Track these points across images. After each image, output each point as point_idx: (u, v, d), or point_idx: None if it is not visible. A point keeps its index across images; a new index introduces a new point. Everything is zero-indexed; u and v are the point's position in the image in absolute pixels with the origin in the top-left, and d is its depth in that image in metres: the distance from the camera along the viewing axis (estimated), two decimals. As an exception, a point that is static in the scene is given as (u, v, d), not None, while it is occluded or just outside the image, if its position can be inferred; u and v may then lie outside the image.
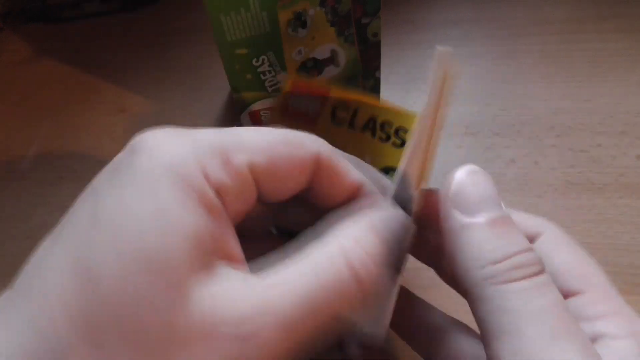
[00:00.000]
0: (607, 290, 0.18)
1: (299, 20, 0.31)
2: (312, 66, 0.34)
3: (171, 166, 0.15)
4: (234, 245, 0.16)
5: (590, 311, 0.17)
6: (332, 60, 0.34)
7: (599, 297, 0.18)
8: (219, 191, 0.15)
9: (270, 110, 0.31)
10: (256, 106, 0.36)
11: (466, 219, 0.17)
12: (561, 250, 0.19)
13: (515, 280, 0.15)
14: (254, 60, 0.33)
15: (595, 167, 0.34)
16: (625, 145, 0.35)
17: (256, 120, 0.37)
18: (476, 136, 0.37)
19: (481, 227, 0.16)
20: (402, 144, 0.28)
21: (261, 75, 0.34)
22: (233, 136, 0.16)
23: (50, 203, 0.38)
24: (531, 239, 0.19)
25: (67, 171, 0.39)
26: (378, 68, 0.36)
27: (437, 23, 0.45)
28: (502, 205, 0.17)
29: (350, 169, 0.19)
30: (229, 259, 0.15)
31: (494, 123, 0.37)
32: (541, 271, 0.16)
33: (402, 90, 0.40)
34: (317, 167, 0.18)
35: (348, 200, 0.19)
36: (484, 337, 0.16)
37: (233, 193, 0.16)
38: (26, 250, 0.15)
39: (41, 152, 0.41)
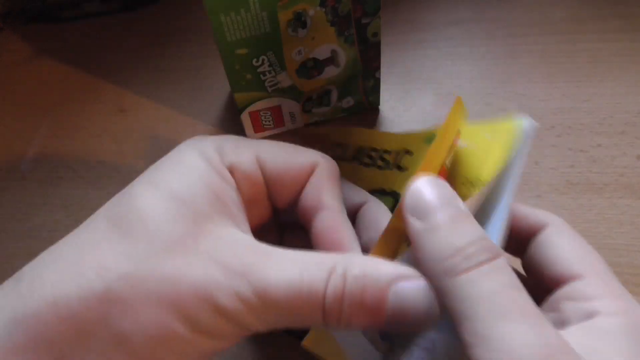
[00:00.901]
0: (605, 274, 0.20)
1: (299, 20, 0.31)
2: (312, 66, 0.34)
3: (199, 149, 0.21)
4: (240, 214, 0.20)
5: (588, 292, 0.19)
6: (332, 60, 0.34)
7: (597, 280, 0.19)
8: (230, 168, 0.21)
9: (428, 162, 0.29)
10: (256, 106, 0.36)
11: (419, 224, 0.18)
12: (564, 240, 0.21)
13: (467, 269, 0.16)
14: (254, 60, 0.33)
15: (595, 167, 0.34)
16: (625, 145, 0.35)
17: (256, 120, 0.37)
18: (476, 136, 0.37)
19: (434, 229, 0.18)
20: (385, 166, 0.30)
21: (261, 75, 0.34)
22: (246, 139, 0.23)
23: (50, 203, 0.38)
24: (537, 230, 0.21)
25: (67, 171, 0.39)
26: (378, 68, 0.36)
27: (437, 23, 0.45)
28: (457, 203, 0.18)
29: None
30: (234, 220, 0.20)
31: (494, 123, 0.37)
32: (493, 257, 0.17)
33: (402, 91, 0.40)
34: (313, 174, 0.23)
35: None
36: (455, 328, 0.17)
37: (241, 170, 0.21)
38: (26, 250, 0.15)
39: (41, 152, 0.41)
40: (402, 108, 0.39)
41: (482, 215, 0.22)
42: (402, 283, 0.18)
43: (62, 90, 0.45)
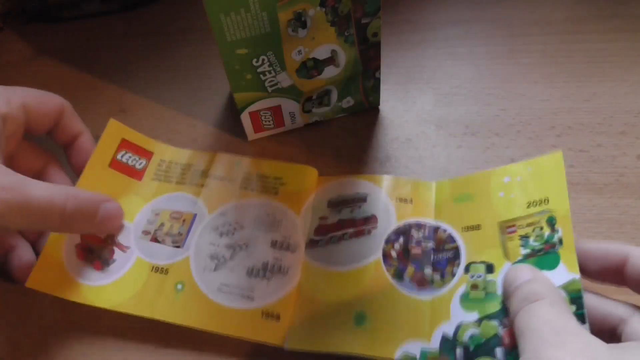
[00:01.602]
0: None
1: (299, 20, 0.31)
2: (312, 66, 0.34)
3: None
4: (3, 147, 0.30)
5: None
6: (332, 60, 0.34)
7: None
8: (4, 116, 0.30)
9: (93, 159, 0.34)
10: (256, 106, 0.36)
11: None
12: None
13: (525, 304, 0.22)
14: (254, 60, 0.33)
15: (595, 167, 0.34)
16: (625, 145, 0.35)
17: (256, 120, 0.37)
18: (476, 136, 0.37)
19: (516, 291, 0.23)
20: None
21: (261, 75, 0.34)
22: (15, 90, 0.32)
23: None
24: (622, 263, 0.23)
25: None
26: (378, 68, 0.36)
27: (437, 23, 0.45)
28: (530, 270, 0.24)
29: (80, 120, 0.35)
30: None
31: (494, 123, 0.37)
32: (541, 297, 0.22)
33: (402, 91, 0.40)
34: (63, 112, 0.34)
35: (78, 137, 0.35)
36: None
37: (11, 118, 0.30)
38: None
39: (41, 152, 0.41)
40: (402, 108, 0.39)
41: None
42: (106, 204, 0.31)
43: (62, 90, 0.45)
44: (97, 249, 0.33)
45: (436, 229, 0.31)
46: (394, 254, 0.31)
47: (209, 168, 0.36)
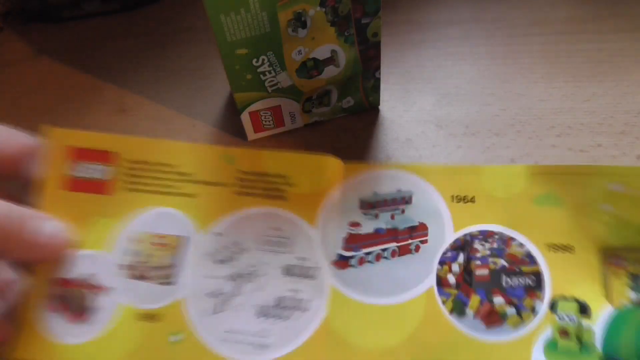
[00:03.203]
0: None
1: (299, 20, 0.31)
2: (312, 66, 0.34)
3: None
4: None
5: None
6: (332, 60, 0.34)
7: None
8: None
9: (43, 186, 0.27)
10: (256, 106, 0.36)
11: None
12: None
13: None
14: (254, 60, 0.33)
15: (595, 167, 0.34)
16: (625, 145, 0.35)
17: (256, 121, 0.37)
18: (476, 136, 0.37)
19: None
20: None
21: (261, 75, 0.34)
22: None
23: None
24: None
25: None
26: (378, 68, 0.36)
27: (437, 23, 0.45)
28: None
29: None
30: None
31: (494, 123, 0.37)
32: None
33: (402, 90, 0.40)
34: (27, 155, 0.27)
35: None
36: None
37: None
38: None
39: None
40: (402, 108, 0.39)
41: None
42: (38, 220, 0.25)
43: (62, 90, 0.45)
44: (68, 294, 0.26)
45: (508, 241, 0.24)
46: (451, 278, 0.24)
47: (194, 168, 0.29)
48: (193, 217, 0.28)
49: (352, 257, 0.26)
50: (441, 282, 0.24)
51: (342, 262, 0.26)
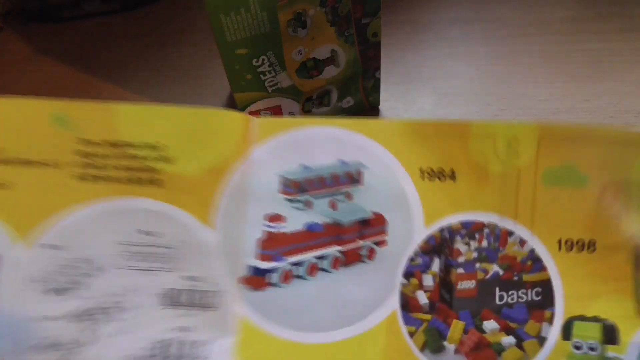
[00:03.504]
0: None
1: (299, 21, 0.31)
2: (312, 66, 0.34)
3: None
4: None
5: None
6: (332, 60, 0.34)
7: None
8: None
9: None
10: (256, 106, 0.36)
11: None
12: None
13: None
14: (254, 60, 0.33)
15: (595, 167, 0.34)
16: (625, 145, 0.35)
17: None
18: (476, 136, 0.37)
19: None
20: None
21: (261, 75, 0.34)
22: None
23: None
24: None
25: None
26: (378, 68, 0.36)
27: (437, 23, 0.45)
28: None
29: None
30: None
31: (494, 123, 0.37)
32: None
33: (402, 90, 0.40)
34: None
35: None
36: None
37: None
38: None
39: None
40: (402, 108, 0.39)
41: None
42: None
43: (62, 90, 0.45)
44: None
45: (503, 236, 0.16)
46: (422, 297, 0.16)
47: (4, 138, 0.18)
48: (6, 222, 0.17)
49: (272, 270, 0.17)
50: (407, 304, 0.16)
51: (256, 278, 0.17)
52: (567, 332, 0.16)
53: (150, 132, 0.19)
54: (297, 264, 0.17)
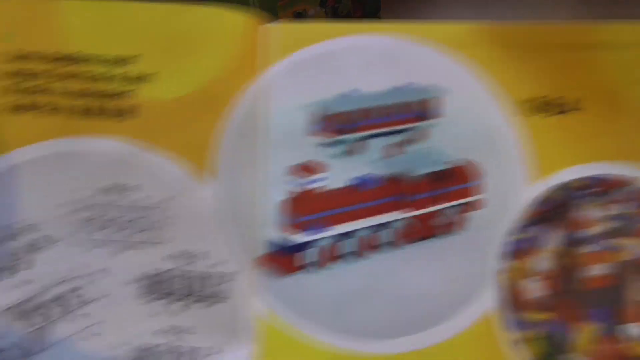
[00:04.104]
0: None
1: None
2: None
3: None
4: None
5: None
6: (332, 60, 0.34)
7: None
8: None
9: None
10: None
11: None
12: None
13: None
14: (254, 60, 0.33)
15: (594, 167, 0.34)
16: (625, 146, 0.35)
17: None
18: (476, 136, 0.37)
19: None
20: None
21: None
22: None
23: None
24: None
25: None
26: (378, 68, 0.36)
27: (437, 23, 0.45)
28: None
29: None
30: None
31: (494, 123, 0.37)
32: None
33: (402, 90, 0.40)
34: None
35: None
36: None
37: None
38: None
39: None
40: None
41: None
42: None
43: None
44: None
45: None
46: (532, 289, 0.12)
47: None
48: None
49: (305, 246, 0.12)
50: (511, 300, 0.12)
51: (283, 258, 0.12)
52: None
53: (114, 39, 0.12)
54: (344, 235, 0.12)
